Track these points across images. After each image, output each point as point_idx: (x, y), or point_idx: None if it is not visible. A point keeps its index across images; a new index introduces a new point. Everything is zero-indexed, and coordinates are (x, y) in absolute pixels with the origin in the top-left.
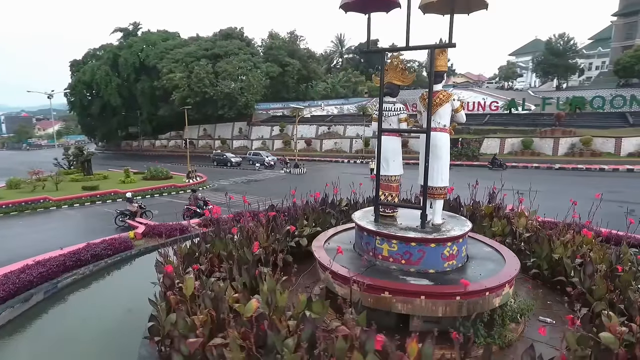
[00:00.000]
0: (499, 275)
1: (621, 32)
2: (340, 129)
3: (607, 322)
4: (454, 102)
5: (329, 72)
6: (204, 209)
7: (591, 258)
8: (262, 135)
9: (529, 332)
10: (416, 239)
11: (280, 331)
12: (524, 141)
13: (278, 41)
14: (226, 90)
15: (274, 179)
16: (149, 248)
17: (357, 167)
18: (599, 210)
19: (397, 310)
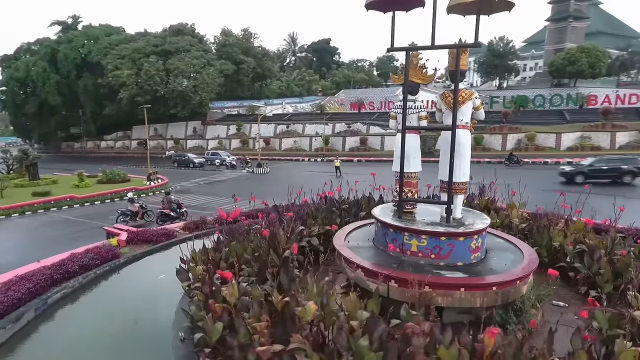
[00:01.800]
0: (524, 264)
1: (553, 36)
2: (299, 128)
3: (634, 302)
4: (475, 100)
5: (282, 70)
6: (178, 212)
7: (594, 244)
8: (218, 135)
9: (547, 316)
10: (446, 234)
11: (355, 332)
12: (475, 138)
13: (231, 38)
14: (179, 88)
15: (238, 179)
16: (137, 256)
17: (319, 166)
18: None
19: (437, 303)
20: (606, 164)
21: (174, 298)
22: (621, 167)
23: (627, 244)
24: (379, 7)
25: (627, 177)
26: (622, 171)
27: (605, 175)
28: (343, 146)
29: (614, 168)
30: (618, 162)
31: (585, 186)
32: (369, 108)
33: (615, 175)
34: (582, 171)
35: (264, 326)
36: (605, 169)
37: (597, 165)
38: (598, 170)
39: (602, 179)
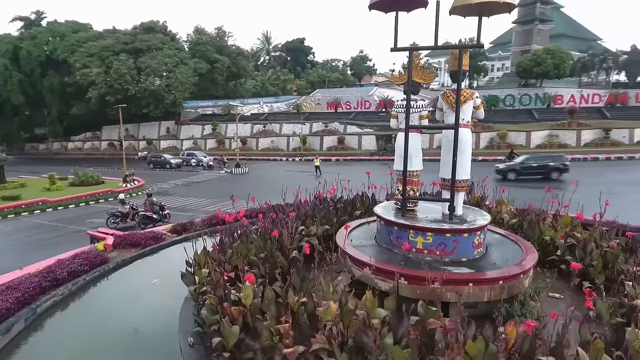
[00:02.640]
0: (526, 258)
1: (520, 38)
2: (276, 127)
3: (631, 291)
4: (476, 100)
5: (257, 69)
6: (160, 214)
7: (585, 238)
8: (192, 135)
9: (545, 308)
10: (451, 230)
11: (381, 331)
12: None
13: (205, 37)
14: (151, 87)
15: (216, 179)
16: (127, 260)
17: (298, 165)
18: None
19: (447, 299)
20: (536, 161)
21: (171, 302)
22: (549, 165)
23: (611, 236)
24: (382, 7)
25: (555, 174)
26: (549, 168)
27: (535, 172)
28: (321, 145)
29: (543, 165)
30: (546, 160)
31: (573, 181)
32: (346, 107)
33: (544, 172)
34: (514, 169)
35: (287, 328)
36: (535, 166)
37: (527, 163)
38: (529, 167)
39: (532, 175)
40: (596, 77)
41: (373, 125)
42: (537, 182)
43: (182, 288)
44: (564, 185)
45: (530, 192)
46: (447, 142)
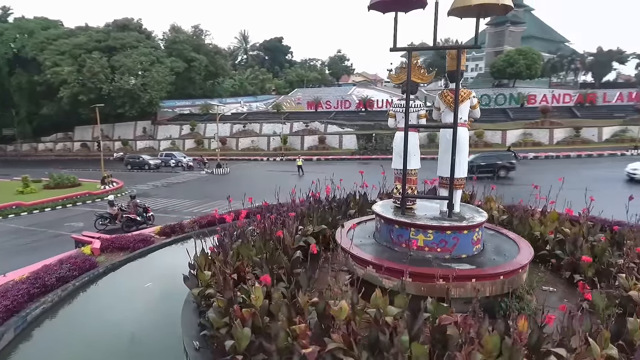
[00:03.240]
0: (523, 254)
1: (493, 39)
2: (256, 127)
3: (625, 283)
4: (473, 99)
5: (235, 69)
6: (144, 216)
7: (575, 232)
8: (170, 135)
9: (539, 301)
10: (451, 228)
11: (399, 329)
12: (429, 135)
13: (182, 35)
14: (126, 86)
15: (198, 180)
16: (116, 264)
17: (279, 165)
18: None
19: (450, 295)
20: (484, 160)
21: (168, 306)
22: (497, 163)
23: (596, 230)
24: (381, 8)
25: (502, 171)
26: (497, 166)
27: (484, 170)
28: (302, 145)
29: (491, 164)
30: (494, 159)
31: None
32: (326, 107)
33: (492, 170)
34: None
35: (304, 328)
36: (484, 164)
37: (476, 162)
38: (477, 166)
39: (481, 173)
40: (565, 78)
41: (353, 124)
42: (487, 179)
43: (177, 291)
44: (513, 181)
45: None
46: (445, 141)
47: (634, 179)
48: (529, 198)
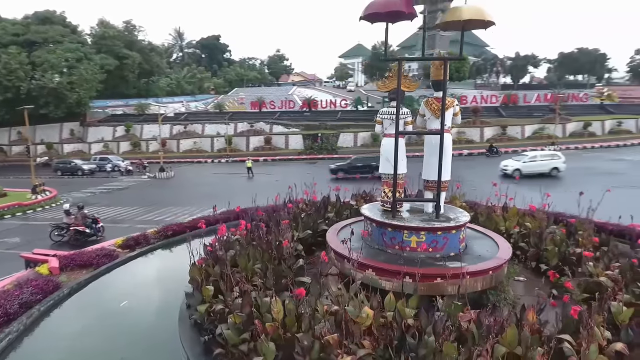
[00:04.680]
0: (503, 249)
1: (425, 42)
2: (198, 128)
3: (593, 271)
4: (455, 107)
5: (170, 66)
6: (94, 228)
7: (541, 226)
8: (102, 137)
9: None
10: (442, 228)
11: (427, 330)
12: (373, 135)
13: (112, 30)
14: (50, 85)
15: (141, 185)
16: (82, 283)
17: (225, 167)
18: None
19: (447, 292)
20: (361, 161)
21: (154, 325)
22: (371, 164)
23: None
24: (370, 19)
25: (377, 172)
26: (372, 167)
27: (360, 170)
28: (247, 146)
29: (366, 165)
30: (369, 160)
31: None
32: (270, 107)
33: (368, 171)
34: (343, 168)
35: (337, 338)
36: (360, 165)
37: (354, 163)
38: (355, 167)
39: (357, 173)
40: (488, 80)
41: (299, 124)
42: (364, 180)
43: (159, 308)
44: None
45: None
46: (431, 147)
47: (506, 174)
48: None
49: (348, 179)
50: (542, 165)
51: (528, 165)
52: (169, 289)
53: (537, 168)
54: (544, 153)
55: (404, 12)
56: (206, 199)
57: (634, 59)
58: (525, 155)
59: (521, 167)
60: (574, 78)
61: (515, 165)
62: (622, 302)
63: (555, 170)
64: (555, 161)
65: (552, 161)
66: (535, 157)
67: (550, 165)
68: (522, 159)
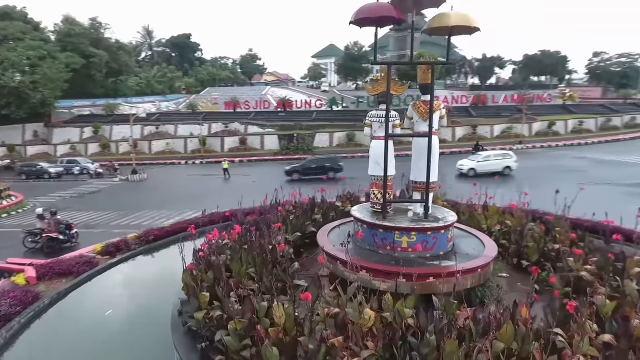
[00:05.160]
0: (489, 247)
1: (396, 43)
2: (170, 128)
3: (574, 265)
4: (442, 110)
5: (139, 65)
6: (68, 234)
7: (522, 223)
8: (69, 139)
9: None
10: (431, 228)
11: (428, 329)
12: (348, 134)
13: (77, 27)
14: (11, 84)
15: (113, 188)
16: (62, 293)
17: (200, 168)
18: None
19: (440, 290)
20: (315, 163)
21: (144, 333)
22: (325, 165)
23: (528, 221)
24: (360, 23)
25: (331, 173)
26: (326, 168)
27: (315, 172)
28: (222, 147)
29: (320, 166)
30: (323, 161)
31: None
32: (244, 107)
33: (321, 172)
34: (297, 170)
35: (342, 341)
36: (314, 167)
37: (308, 165)
38: (309, 168)
39: (313, 175)
40: (457, 80)
41: (274, 125)
42: (318, 180)
43: (146, 315)
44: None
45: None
46: (419, 148)
47: (462, 173)
48: None
49: (303, 180)
50: (495, 164)
51: (482, 164)
52: (154, 296)
53: (490, 167)
54: (497, 152)
55: (393, 17)
56: (183, 202)
57: (591, 61)
58: (479, 155)
59: (476, 166)
60: (537, 79)
61: (470, 165)
62: (605, 296)
63: (507, 169)
64: (507, 160)
65: (504, 160)
66: (489, 157)
67: (502, 164)
68: (476, 159)
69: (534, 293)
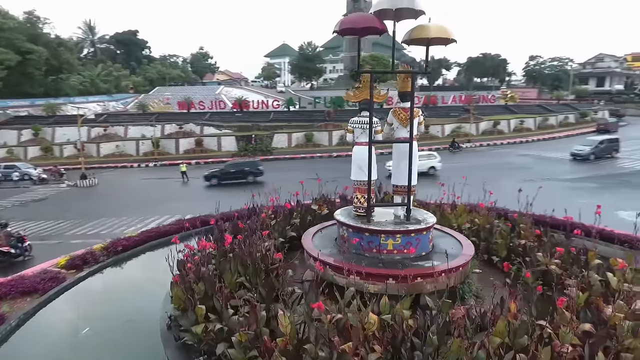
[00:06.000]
0: (466, 246)
1: (349, 44)
2: (120, 130)
3: (542, 260)
4: (420, 117)
5: (81, 63)
6: (20, 247)
7: (490, 222)
8: (5, 142)
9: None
10: (415, 230)
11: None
12: (306, 135)
13: (11, 22)
14: None
15: (61, 195)
16: (30, 312)
17: (154, 172)
18: None
19: (427, 290)
20: (234, 167)
21: (130, 352)
22: (244, 170)
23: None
24: (343, 32)
25: (250, 177)
26: (245, 172)
27: (234, 176)
28: (177, 149)
29: (239, 170)
30: (242, 166)
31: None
32: (199, 108)
33: (241, 176)
34: (216, 175)
35: (352, 347)
36: (233, 171)
37: (226, 170)
38: (228, 173)
39: (232, 179)
40: None
41: (231, 125)
42: (239, 185)
43: (129, 330)
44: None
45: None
46: (399, 153)
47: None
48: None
49: (223, 186)
50: (421, 165)
51: None
52: (134, 310)
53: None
54: (422, 154)
55: (377, 28)
56: (142, 207)
57: (528, 64)
58: (353, 150)
59: None
60: (480, 80)
61: None
62: (578, 288)
63: (432, 169)
64: (431, 161)
65: (429, 161)
66: None
67: (428, 164)
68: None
69: (507, 287)
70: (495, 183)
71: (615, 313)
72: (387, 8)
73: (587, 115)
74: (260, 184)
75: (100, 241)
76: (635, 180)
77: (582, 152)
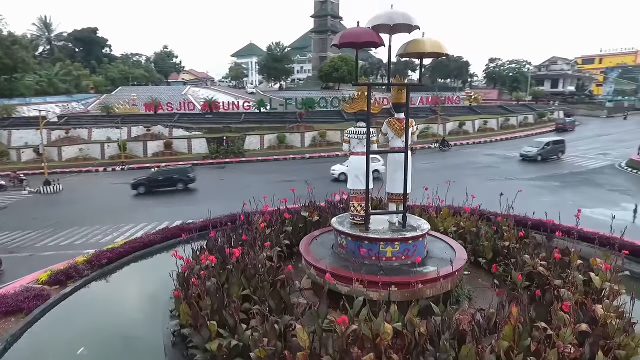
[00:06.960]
0: (458, 250)
1: (317, 45)
2: (83, 132)
3: (529, 261)
4: (414, 127)
5: (38, 62)
6: None
7: (478, 225)
8: None
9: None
10: (412, 237)
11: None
12: (279, 136)
13: None
14: None
15: (24, 203)
16: (17, 334)
17: (122, 176)
18: None
19: (427, 295)
20: (162, 175)
21: None
22: (173, 177)
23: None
24: (342, 45)
25: (180, 185)
26: (174, 180)
27: (162, 184)
28: (145, 151)
29: (168, 177)
30: (171, 173)
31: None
32: (167, 109)
33: (170, 184)
34: (143, 183)
35: (373, 356)
36: (161, 179)
37: (154, 177)
38: (155, 180)
39: (160, 187)
40: (375, 80)
41: (201, 127)
42: (168, 192)
43: (129, 348)
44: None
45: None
46: (394, 162)
47: (335, 178)
48: None
49: (152, 194)
50: None
51: None
52: (131, 326)
53: None
54: None
55: (375, 42)
56: (116, 215)
57: (488, 66)
58: (350, 160)
59: (346, 170)
60: (444, 81)
61: (341, 169)
62: (567, 288)
63: (376, 172)
64: (375, 164)
65: (372, 164)
66: None
67: (371, 168)
68: (346, 163)
69: (495, 288)
70: (466, 182)
71: (606, 312)
72: (384, 23)
73: (545, 115)
74: (192, 190)
75: (75, 252)
76: (593, 178)
77: (529, 154)
